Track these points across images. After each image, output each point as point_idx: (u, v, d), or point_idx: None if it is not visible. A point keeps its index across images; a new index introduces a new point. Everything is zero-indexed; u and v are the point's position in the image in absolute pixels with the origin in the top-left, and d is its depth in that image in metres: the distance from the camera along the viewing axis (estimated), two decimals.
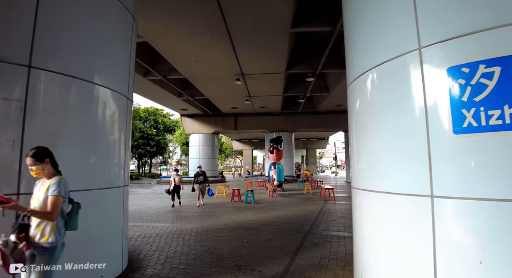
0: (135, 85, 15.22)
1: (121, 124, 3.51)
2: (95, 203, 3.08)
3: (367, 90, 2.78)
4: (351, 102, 3.27)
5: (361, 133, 2.93)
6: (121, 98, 3.47)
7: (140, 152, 34.54)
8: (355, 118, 3.08)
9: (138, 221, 6.77)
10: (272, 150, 14.74)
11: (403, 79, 2.34)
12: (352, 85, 3.18)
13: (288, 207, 8.86)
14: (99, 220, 3.15)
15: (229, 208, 8.76)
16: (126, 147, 3.69)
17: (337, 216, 7.30)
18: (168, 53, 11.63)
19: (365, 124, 2.83)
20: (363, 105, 2.88)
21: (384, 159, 2.51)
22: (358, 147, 3.01)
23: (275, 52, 11.30)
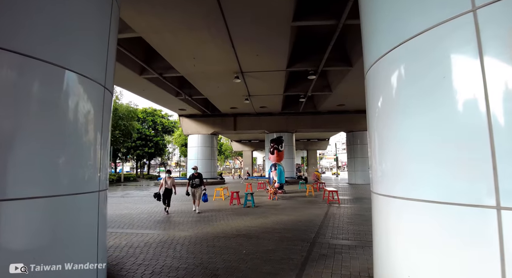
0: (131, 84, 14.73)
1: (96, 118, 2.96)
2: (61, 213, 2.54)
3: (396, 73, 2.23)
4: (371, 91, 2.71)
5: (387, 129, 2.36)
6: (95, 87, 2.91)
7: (138, 153, 34.01)
8: (378, 111, 2.53)
9: (127, 227, 6.21)
10: (273, 151, 14.18)
11: (450, 54, 1.79)
12: (373, 69, 2.63)
13: (290, 211, 8.30)
14: (67, 232, 2.60)
15: (227, 212, 8.20)
16: (104, 146, 3.14)
17: (344, 221, 6.74)
18: (164, 49, 11.10)
19: (392, 118, 2.26)
20: (388, 93, 2.33)
21: (423, 160, 1.96)
22: (383, 145, 2.45)
23: (276, 48, 10.76)
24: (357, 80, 14.47)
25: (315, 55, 12.65)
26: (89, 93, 2.85)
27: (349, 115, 21.95)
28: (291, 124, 22.71)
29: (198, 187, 8.57)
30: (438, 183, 1.83)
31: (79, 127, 2.77)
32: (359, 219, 6.96)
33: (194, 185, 8.54)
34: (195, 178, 8.63)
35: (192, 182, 8.57)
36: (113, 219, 7.21)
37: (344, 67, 12.94)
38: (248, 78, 14.07)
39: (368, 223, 6.49)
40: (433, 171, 1.86)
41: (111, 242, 4.97)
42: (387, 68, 2.32)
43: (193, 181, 8.56)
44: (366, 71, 2.82)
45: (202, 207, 9.09)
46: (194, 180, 8.57)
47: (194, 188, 8.55)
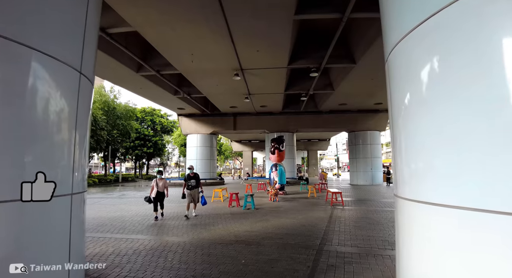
0: (128, 82, 14.25)
1: (69, 109, 2.52)
2: (26, 218, 2.11)
3: (432, 49, 1.78)
4: (396, 76, 2.26)
5: (419, 120, 1.91)
6: (67, 71, 2.47)
7: (137, 153, 33.58)
8: (408, 99, 2.06)
9: (117, 232, 5.77)
10: (274, 150, 13.74)
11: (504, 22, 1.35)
12: (398, 49, 2.17)
13: (293, 214, 7.85)
14: (34, 239, 2.18)
15: (225, 215, 7.74)
16: (79, 143, 2.70)
17: (350, 225, 6.29)
18: (161, 45, 10.67)
19: (429, 105, 1.80)
20: (423, 76, 1.88)
21: (473, 159, 1.51)
22: (413, 141, 2.00)
23: (277, 43, 10.33)
24: (360, 78, 14.06)
25: (318, 52, 12.24)
26: (58, 78, 2.40)
27: (351, 114, 21.53)
28: (292, 124, 22.29)
29: (194, 189, 7.70)
30: (492, 189, 1.39)
31: (46, 119, 2.33)
32: (366, 223, 6.52)
33: (190, 187, 7.66)
34: (191, 178, 7.71)
35: (188, 183, 7.70)
36: (103, 223, 6.77)
37: (347, 64, 12.52)
38: (248, 76, 13.64)
39: (376, 227, 6.05)
40: (488, 174, 1.42)
41: (97, 249, 4.53)
42: (423, 47, 1.87)
43: (189, 182, 7.68)
44: (388, 55, 2.37)
45: (198, 210, 8.31)
46: (190, 181, 7.68)
47: (190, 189, 7.66)
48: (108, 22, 9.69)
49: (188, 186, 7.70)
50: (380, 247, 4.54)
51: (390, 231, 5.69)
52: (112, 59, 11.90)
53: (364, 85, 15.44)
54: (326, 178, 20.07)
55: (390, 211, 8.21)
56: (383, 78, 9.82)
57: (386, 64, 2.43)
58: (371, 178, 21.07)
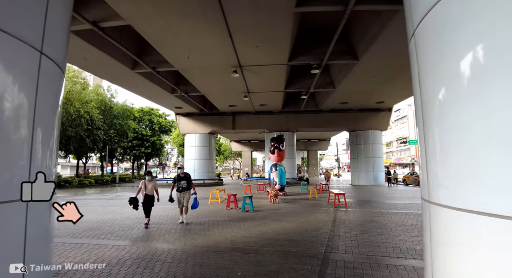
0: (123, 79, 13.77)
1: (24, 97, 2.07)
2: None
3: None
4: (429, 52, 1.79)
5: (461, 108, 1.46)
6: (22, 49, 2.02)
7: (135, 153, 33.13)
8: (444, 81, 1.61)
9: (104, 237, 5.32)
10: (273, 150, 13.29)
11: None
12: (433, 16, 1.71)
13: (294, 217, 7.40)
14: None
15: (222, 219, 7.27)
16: (42, 141, 2.26)
17: (356, 229, 5.85)
18: (155, 40, 10.22)
19: (483, 86, 1.35)
20: (471, 52, 1.42)
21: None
22: (449, 135, 1.55)
23: (277, 38, 9.90)
24: (363, 76, 13.65)
25: (319, 48, 11.83)
26: (13, 60, 1.95)
27: (352, 113, 21.13)
28: (292, 123, 21.87)
29: (185, 191, 6.77)
30: None
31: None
32: (372, 226, 6.08)
33: (181, 189, 6.75)
34: (182, 179, 6.80)
35: (178, 184, 6.78)
36: (91, 227, 6.31)
37: (349, 61, 12.12)
38: (247, 73, 13.21)
39: (384, 231, 5.61)
40: None
41: (78, 257, 4.08)
42: None
43: (179, 184, 6.76)
44: (414, 30, 1.92)
45: (193, 213, 7.76)
46: (181, 182, 6.77)
47: (181, 192, 6.75)
48: (100, 15, 9.25)
49: (178, 187, 6.79)
50: (392, 256, 4.10)
51: (400, 236, 5.25)
52: (105, 55, 11.47)
53: (366, 83, 15.04)
54: (330, 177, 20.15)
55: (396, 214, 7.77)
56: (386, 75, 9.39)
57: (412, 41, 1.97)
58: (373, 178, 20.64)
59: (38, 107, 2.17)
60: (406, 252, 4.25)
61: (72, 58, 12.37)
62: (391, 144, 65.41)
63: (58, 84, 2.58)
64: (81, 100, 21.80)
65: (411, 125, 58.36)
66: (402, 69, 12.57)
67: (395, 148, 64.48)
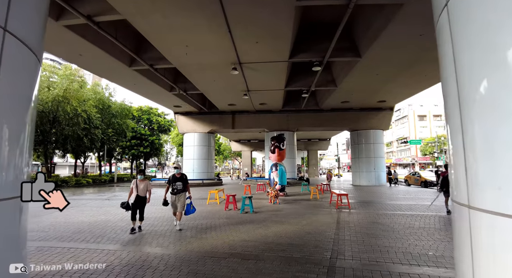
0: (121, 77, 13.41)
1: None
2: None
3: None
4: (468, 28, 1.47)
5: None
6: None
7: (133, 152, 32.78)
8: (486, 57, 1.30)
9: (94, 241, 5.00)
10: (274, 149, 12.97)
11: None
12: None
13: (295, 218, 7.08)
14: None
15: (220, 220, 6.94)
16: (9, 138, 1.94)
17: (362, 232, 5.53)
18: (152, 35, 9.89)
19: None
20: None
21: None
22: (497, 129, 1.24)
23: (278, 33, 9.59)
24: (365, 73, 13.34)
25: (321, 45, 11.52)
26: None
27: (354, 112, 20.82)
28: (292, 123, 21.56)
29: (181, 194, 6.09)
30: None
31: None
32: (379, 229, 5.76)
33: (176, 191, 6.05)
34: (177, 180, 6.08)
35: (172, 186, 6.10)
36: (81, 229, 5.99)
37: (351, 58, 11.80)
38: (247, 71, 12.89)
39: (392, 235, 5.29)
40: None
41: (62, 263, 3.76)
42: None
43: (174, 185, 6.07)
44: (443, 6, 1.60)
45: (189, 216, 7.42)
46: (176, 183, 6.06)
47: (176, 194, 6.05)
48: (94, 9, 8.93)
49: (173, 189, 6.09)
50: (404, 262, 3.78)
51: (409, 239, 4.93)
52: (101, 51, 11.14)
53: (369, 81, 14.74)
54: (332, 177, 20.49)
55: (402, 215, 7.45)
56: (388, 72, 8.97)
57: (443, 14, 1.65)
58: (374, 178, 20.33)
59: (3, 98, 1.84)
60: (418, 258, 3.93)
61: (67, 54, 12.06)
62: (391, 144, 65.17)
63: (31, 73, 2.25)
64: (79, 98, 21.46)
65: (411, 125, 58.11)
66: (406, 65, 12.28)
67: (395, 148, 64.25)
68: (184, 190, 6.22)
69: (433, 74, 13.55)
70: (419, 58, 11.44)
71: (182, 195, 6.15)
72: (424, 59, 11.52)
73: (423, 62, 11.94)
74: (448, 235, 5.19)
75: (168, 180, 6.33)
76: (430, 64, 12.18)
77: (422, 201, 10.74)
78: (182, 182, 6.18)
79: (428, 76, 13.89)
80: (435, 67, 12.85)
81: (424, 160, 54.61)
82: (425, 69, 12.85)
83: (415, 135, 55.64)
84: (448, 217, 7.36)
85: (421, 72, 13.27)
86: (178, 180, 6.13)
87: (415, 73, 13.35)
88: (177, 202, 6.10)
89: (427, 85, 15.55)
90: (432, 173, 20.51)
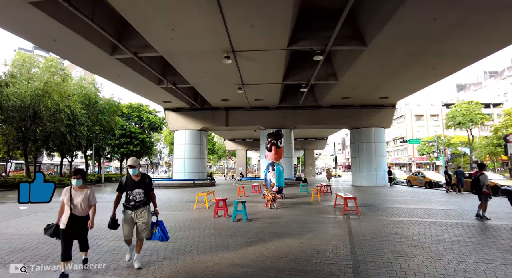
0: (102, 67, 11.64)
1: None
2: None
3: None
4: None
5: None
6: None
7: (123, 151, 31.30)
8: None
9: (35, 261, 3.74)
10: (270, 147, 11.77)
11: None
12: None
13: (298, 229, 5.88)
14: None
15: (206, 232, 5.64)
16: None
17: (385, 248, 4.35)
18: (134, 15, 8.65)
19: None
20: None
21: None
22: None
23: (276, 15, 8.44)
24: (369, 65, 12.24)
25: (323, 32, 10.43)
26: None
27: (354, 109, 19.79)
28: (289, 120, 20.43)
29: (141, 208, 3.70)
30: None
31: None
32: (403, 244, 4.61)
33: (133, 204, 3.68)
34: (135, 186, 3.71)
35: (127, 196, 3.73)
36: (26, 245, 4.68)
37: (356, 46, 10.69)
38: (241, 60, 11.69)
39: (422, 252, 4.14)
40: None
41: None
42: None
43: (130, 194, 3.70)
44: None
45: (172, 223, 6.16)
46: (133, 191, 3.69)
47: (133, 209, 3.69)
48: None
49: (128, 201, 3.69)
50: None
51: (449, 260, 3.78)
52: (78, 36, 9.86)
53: (372, 75, 13.68)
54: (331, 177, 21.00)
55: (421, 223, 6.33)
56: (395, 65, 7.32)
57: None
58: (376, 178, 19.28)
59: None
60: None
61: (39, 39, 10.69)
62: (388, 143, 64.54)
63: None
64: (61, 93, 19.98)
65: (409, 124, 57.48)
66: (413, 57, 11.24)
67: (392, 148, 63.63)
68: (147, 202, 3.77)
69: (442, 67, 12.54)
70: (427, 49, 10.42)
71: (143, 211, 3.70)
72: (433, 50, 10.51)
73: (431, 54, 10.93)
74: (499, 253, 4.07)
75: (119, 186, 3.76)
76: (439, 57, 11.16)
77: (435, 204, 9.66)
78: (144, 188, 3.72)
79: (436, 70, 12.86)
80: (444, 60, 11.87)
81: (421, 160, 54.00)
82: (433, 62, 11.83)
83: (412, 134, 55.07)
84: (480, 224, 6.25)
85: (428, 65, 12.24)
86: (137, 185, 3.68)
87: (422, 66, 12.32)
88: (135, 223, 3.70)
89: (434, 80, 14.54)
90: (435, 173, 19.58)
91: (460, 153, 42.44)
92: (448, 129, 43.02)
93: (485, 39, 9.32)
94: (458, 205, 9.46)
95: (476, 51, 10.51)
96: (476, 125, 37.54)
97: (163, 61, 13.57)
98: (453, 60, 11.60)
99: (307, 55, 12.63)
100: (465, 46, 10.00)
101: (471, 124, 36.46)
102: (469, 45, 9.88)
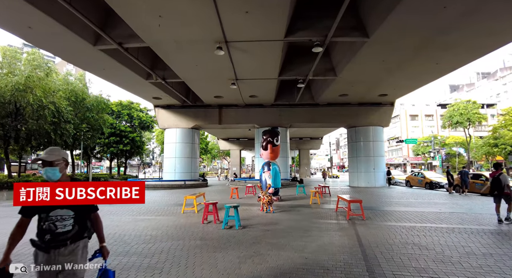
0: (85, 59, 9.38)
1: None
2: None
3: None
4: None
5: None
6: None
7: (112, 150, 30.12)
8: None
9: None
10: (266, 145, 10.95)
11: None
12: None
13: (299, 238, 5.08)
14: None
15: (192, 243, 4.79)
16: None
17: (407, 265, 3.59)
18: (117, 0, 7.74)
19: None
20: None
21: None
22: None
23: (273, 2, 7.65)
24: (370, 59, 11.52)
25: (322, 22, 9.73)
26: None
27: (352, 108, 19.12)
28: (285, 118, 19.67)
29: (69, 246, 1.91)
30: None
31: None
32: (427, 258, 3.86)
33: (49, 240, 1.87)
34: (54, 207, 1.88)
35: (42, 224, 1.90)
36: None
37: (358, 38, 9.97)
38: (234, 52, 10.86)
39: (452, 269, 3.39)
40: None
41: None
42: None
43: (47, 222, 1.89)
44: None
45: (153, 231, 5.16)
46: (51, 215, 1.89)
47: (54, 247, 1.88)
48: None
49: (43, 234, 1.90)
50: None
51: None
52: (56, 23, 8.93)
53: (372, 70, 13.00)
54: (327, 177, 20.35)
55: (438, 230, 5.61)
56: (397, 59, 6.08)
57: None
58: (374, 179, 18.63)
59: None
60: None
61: (13, 25, 9.68)
62: None
63: None
64: (44, 88, 18.83)
65: (403, 125, 57.33)
66: (416, 51, 10.57)
67: (387, 148, 63.49)
68: (82, 236, 2.02)
69: (445, 62, 11.91)
70: (432, 41, 9.77)
71: (73, 252, 1.94)
72: (439, 43, 9.86)
73: (436, 47, 10.27)
74: None
75: (21, 209, 1.96)
76: (444, 50, 10.51)
77: (443, 207, 8.99)
78: (74, 207, 1.93)
79: (439, 65, 12.23)
80: (448, 54, 11.21)
81: (416, 160, 53.87)
82: (437, 56, 11.18)
83: (407, 135, 54.90)
84: (506, 231, 5.55)
85: (432, 59, 11.59)
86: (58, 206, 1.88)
87: (426, 60, 11.66)
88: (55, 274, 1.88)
89: (436, 76, 13.94)
90: (435, 173, 19.04)
91: (455, 153, 42.27)
92: (444, 129, 42.84)
93: (498, 29, 8.68)
94: (467, 208, 8.79)
95: (485, 44, 9.88)
96: (473, 125, 37.32)
97: (151, 54, 12.67)
98: (458, 54, 10.95)
99: (305, 49, 11.89)
100: (475, 38, 9.35)
101: (469, 124, 36.21)
102: (480, 36, 9.22)
